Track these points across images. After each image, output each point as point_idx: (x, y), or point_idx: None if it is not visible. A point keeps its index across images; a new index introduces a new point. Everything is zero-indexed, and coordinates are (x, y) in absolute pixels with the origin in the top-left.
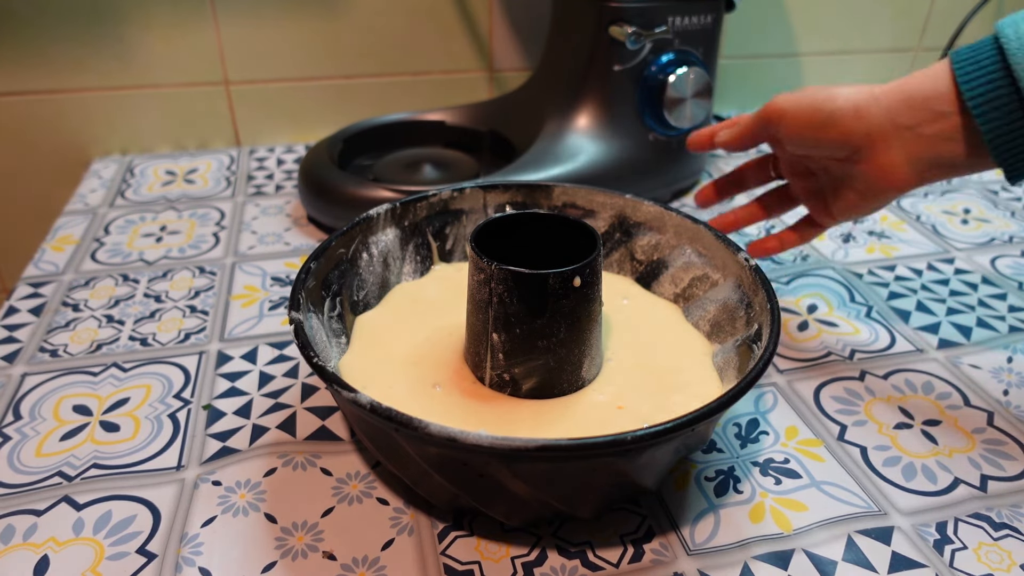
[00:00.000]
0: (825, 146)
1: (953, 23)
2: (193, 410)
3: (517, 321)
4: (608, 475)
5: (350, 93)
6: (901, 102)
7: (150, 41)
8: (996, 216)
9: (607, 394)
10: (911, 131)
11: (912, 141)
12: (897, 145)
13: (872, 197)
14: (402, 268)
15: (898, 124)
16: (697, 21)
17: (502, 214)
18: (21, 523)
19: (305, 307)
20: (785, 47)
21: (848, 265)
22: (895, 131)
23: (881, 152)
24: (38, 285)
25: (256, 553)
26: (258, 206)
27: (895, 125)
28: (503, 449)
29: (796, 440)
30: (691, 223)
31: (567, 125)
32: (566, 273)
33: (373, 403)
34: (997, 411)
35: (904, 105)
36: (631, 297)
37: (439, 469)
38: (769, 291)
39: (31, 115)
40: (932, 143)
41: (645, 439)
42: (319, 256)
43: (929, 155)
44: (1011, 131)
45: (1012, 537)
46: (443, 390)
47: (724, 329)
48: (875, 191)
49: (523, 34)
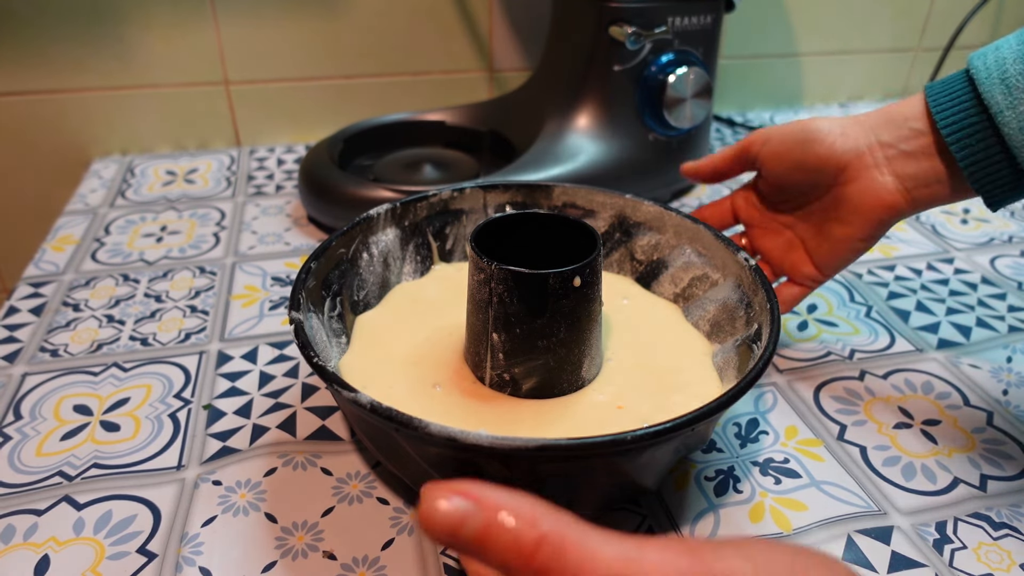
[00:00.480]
0: (811, 165)
1: (953, 23)
2: (193, 410)
3: (517, 321)
4: (608, 475)
5: (350, 93)
6: (882, 120)
7: (150, 41)
8: (996, 216)
9: (607, 394)
10: (893, 147)
11: (895, 157)
12: (882, 161)
13: (861, 225)
14: (402, 268)
15: (881, 140)
16: (697, 21)
17: (502, 214)
18: (21, 523)
19: (305, 307)
20: (785, 47)
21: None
22: (879, 147)
23: (867, 168)
24: (38, 285)
25: (256, 553)
26: (258, 206)
27: (879, 141)
28: (503, 449)
29: (796, 440)
30: (691, 223)
31: (567, 125)
32: (566, 273)
33: (373, 403)
34: (997, 411)
35: (885, 123)
36: (631, 297)
37: (439, 469)
38: (769, 291)
39: (31, 115)
40: (914, 158)
41: (645, 439)
42: (319, 256)
43: (912, 170)
44: (986, 159)
45: (1012, 537)
46: (443, 390)
47: (724, 329)
48: (864, 216)
49: (523, 34)
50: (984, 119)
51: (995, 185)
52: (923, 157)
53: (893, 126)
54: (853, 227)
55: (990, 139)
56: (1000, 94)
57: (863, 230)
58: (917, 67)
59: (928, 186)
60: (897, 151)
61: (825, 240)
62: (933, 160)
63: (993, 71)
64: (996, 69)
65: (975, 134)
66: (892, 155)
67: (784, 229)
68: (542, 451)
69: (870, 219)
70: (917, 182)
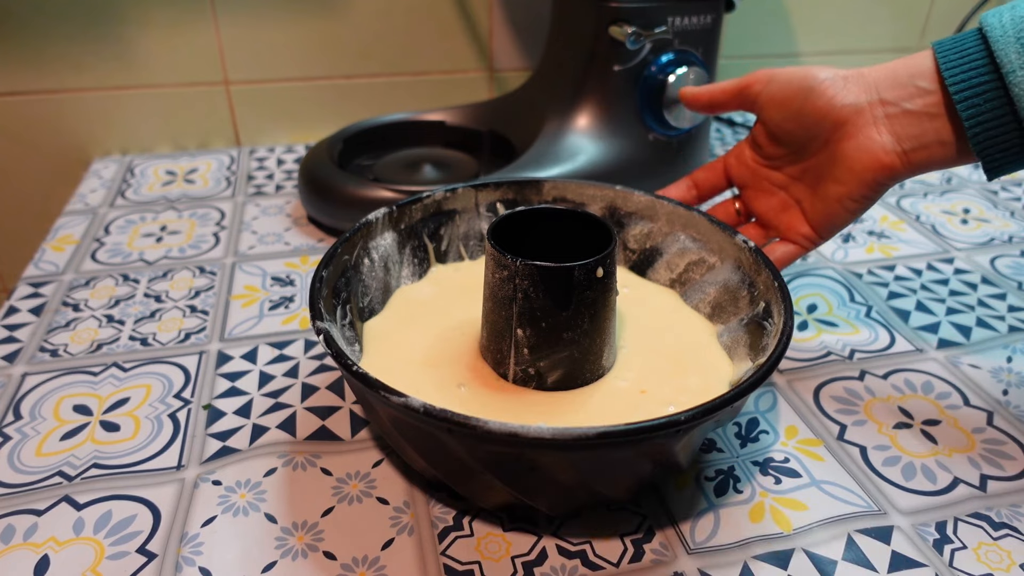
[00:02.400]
0: (809, 117)
1: (953, 23)
2: (193, 410)
3: (543, 315)
4: (654, 456)
5: (350, 93)
6: (887, 77)
7: (150, 41)
8: (996, 216)
9: (628, 380)
10: (896, 106)
11: (897, 116)
12: (883, 120)
13: (855, 184)
14: (401, 272)
15: (883, 98)
16: (697, 21)
17: (512, 211)
18: (21, 523)
19: (328, 316)
20: (785, 47)
21: (848, 265)
22: (880, 104)
23: (866, 125)
24: (38, 285)
25: (256, 553)
26: (258, 206)
27: (880, 99)
28: (565, 440)
29: (796, 440)
30: (684, 210)
31: (567, 125)
32: (590, 265)
33: (427, 406)
34: (997, 411)
35: (890, 79)
36: (629, 286)
37: (491, 466)
38: (773, 270)
39: (31, 115)
40: (916, 119)
41: (696, 417)
42: (328, 264)
43: (913, 130)
44: (993, 120)
45: (1012, 537)
46: (468, 389)
47: (726, 310)
48: (858, 176)
49: (523, 34)
50: (995, 79)
51: (997, 149)
52: (926, 117)
53: (898, 83)
54: (847, 186)
55: (999, 99)
56: (1015, 53)
57: (857, 189)
58: None
59: (927, 148)
60: (899, 109)
61: (820, 200)
62: (936, 121)
63: (1009, 29)
64: (1012, 27)
65: (984, 93)
66: (893, 113)
67: (778, 190)
68: (602, 439)
69: (864, 179)
70: (916, 143)
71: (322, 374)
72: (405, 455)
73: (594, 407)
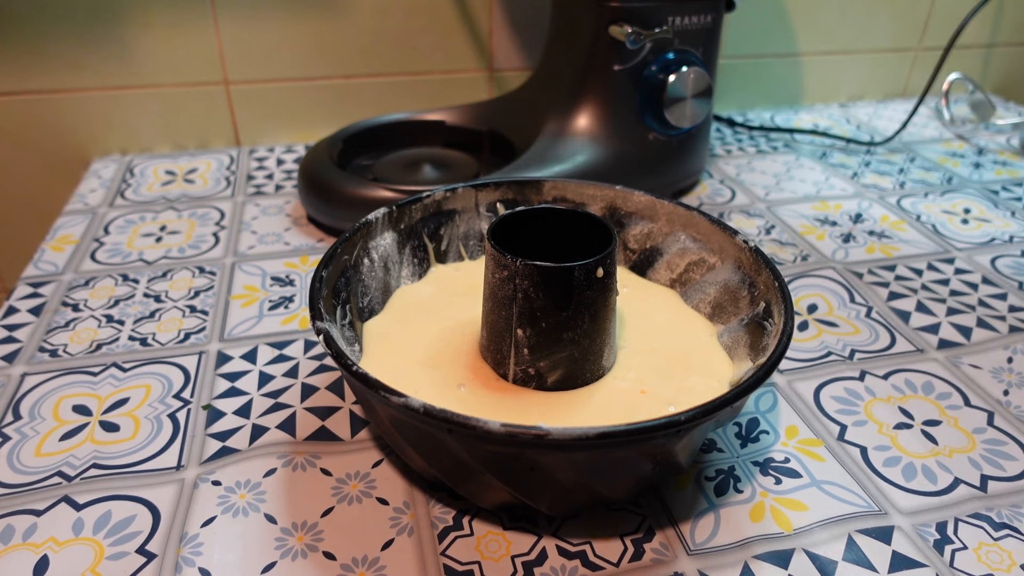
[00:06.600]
0: None
1: (953, 23)
2: (193, 410)
3: (543, 315)
4: (654, 456)
5: (350, 93)
6: None
7: (149, 41)
8: (996, 216)
9: (628, 380)
10: None
11: None
12: None
13: None
14: (401, 272)
15: None
16: (697, 21)
17: (512, 211)
18: (21, 523)
19: (327, 316)
20: (785, 47)
21: (848, 265)
22: None
23: None
24: (38, 285)
25: (256, 553)
26: (258, 206)
27: None
28: (565, 440)
29: (796, 440)
30: (684, 210)
31: (567, 125)
32: (590, 264)
33: (426, 406)
34: (997, 411)
35: None
36: (629, 285)
37: (492, 467)
38: (773, 270)
39: (31, 115)
40: None
41: (696, 417)
42: (328, 264)
43: None
44: None
45: (1012, 537)
46: (468, 389)
47: (727, 310)
48: None
49: (523, 34)
50: None
51: None
52: None
53: None
54: None
55: None
56: None
57: None
58: (917, 67)
59: None
60: None
61: None
62: None
63: None
64: None
65: None
66: None
67: None
68: (603, 438)
69: None
70: None
71: (322, 374)
72: (405, 455)
73: (594, 407)
